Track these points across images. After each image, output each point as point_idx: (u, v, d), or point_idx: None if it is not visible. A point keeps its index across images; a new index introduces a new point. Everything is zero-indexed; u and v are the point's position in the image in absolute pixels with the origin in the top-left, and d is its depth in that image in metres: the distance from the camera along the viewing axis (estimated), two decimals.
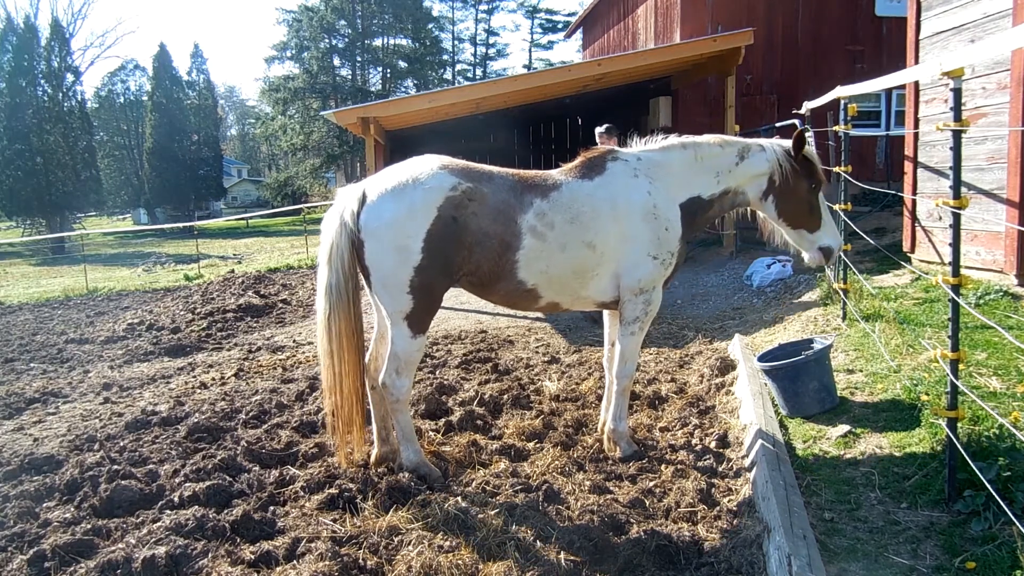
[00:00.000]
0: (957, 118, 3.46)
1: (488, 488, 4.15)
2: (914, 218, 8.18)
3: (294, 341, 9.55)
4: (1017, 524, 3.00)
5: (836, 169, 7.03)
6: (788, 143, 4.53)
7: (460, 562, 3.36)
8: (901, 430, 4.39)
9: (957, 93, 3.47)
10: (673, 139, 4.63)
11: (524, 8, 58.41)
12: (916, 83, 8.01)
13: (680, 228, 4.47)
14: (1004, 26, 6.52)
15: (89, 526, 3.86)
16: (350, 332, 4.21)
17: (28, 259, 33.29)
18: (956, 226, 3.55)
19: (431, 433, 5.10)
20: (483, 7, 56.78)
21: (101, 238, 40.18)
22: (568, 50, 64.13)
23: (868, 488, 3.88)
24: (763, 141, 4.64)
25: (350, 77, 49.13)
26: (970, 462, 3.36)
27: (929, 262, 7.88)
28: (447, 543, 3.51)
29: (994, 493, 3.12)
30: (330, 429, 4.45)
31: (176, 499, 4.09)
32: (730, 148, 4.57)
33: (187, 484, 4.28)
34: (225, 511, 3.95)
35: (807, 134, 4.54)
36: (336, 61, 48.75)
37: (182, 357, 9.25)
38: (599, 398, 5.64)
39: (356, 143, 41.02)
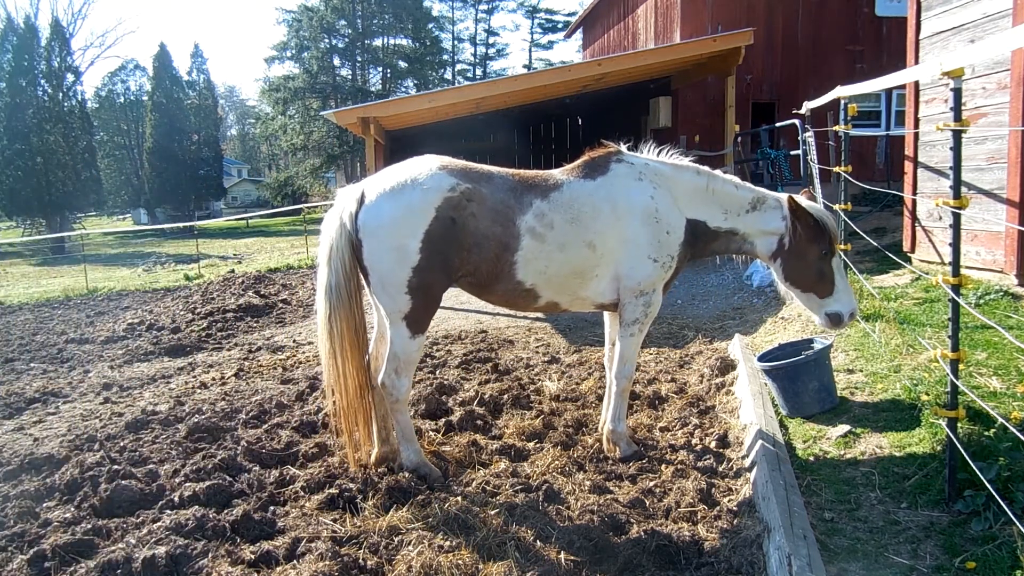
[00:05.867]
0: (957, 118, 3.46)
1: (488, 488, 4.15)
2: (914, 218, 8.18)
3: (294, 341, 9.54)
4: (1017, 524, 3.00)
5: (836, 169, 7.04)
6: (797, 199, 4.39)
7: (460, 562, 3.35)
8: (901, 430, 4.39)
9: (957, 93, 3.47)
10: (688, 161, 4.61)
11: (524, 8, 58.48)
12: (916, 83, 8.01)
13: (682, 233, 4.43)
14: (1004, 26, 6.51)
15: (89, 526, 3.85)
16: (351, 332, 4.21)
17: (28, 259, 33.28)
18: (956, 226, 3.55)
19: (431, 433, 5.10)
20: (483, 7, 56.82)
21: (101, 238, 40.18)
22: (568, 50, 64.18)
23: (868, 488, 3.88)
24: (781, 197, 4.51)
25: (350, 77, 49.11)
26: (970, 462, 3.36)
27: (929, 262, 7.88)
28: (447, 543, 3.51)
29: (994, 493, 3.12)
30: (334, 430, 4.44)
31: (176, 499, 4.09)
32: (744, 191, 4.51)
33: (187, 484, 4.27)
34: (225, 511, 3.94)
35: (799, 196, 4.42)
36: (336, 61, 48.75)
37: (182, 357, 9.25)
38: (599, 398, 5.64)
39: (356, 143, 41.03)
